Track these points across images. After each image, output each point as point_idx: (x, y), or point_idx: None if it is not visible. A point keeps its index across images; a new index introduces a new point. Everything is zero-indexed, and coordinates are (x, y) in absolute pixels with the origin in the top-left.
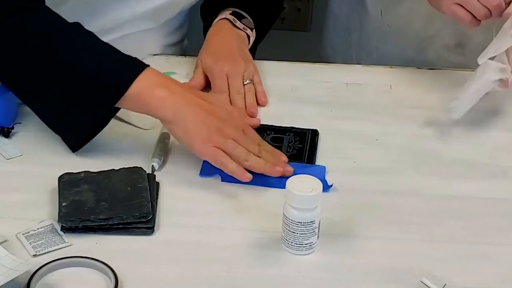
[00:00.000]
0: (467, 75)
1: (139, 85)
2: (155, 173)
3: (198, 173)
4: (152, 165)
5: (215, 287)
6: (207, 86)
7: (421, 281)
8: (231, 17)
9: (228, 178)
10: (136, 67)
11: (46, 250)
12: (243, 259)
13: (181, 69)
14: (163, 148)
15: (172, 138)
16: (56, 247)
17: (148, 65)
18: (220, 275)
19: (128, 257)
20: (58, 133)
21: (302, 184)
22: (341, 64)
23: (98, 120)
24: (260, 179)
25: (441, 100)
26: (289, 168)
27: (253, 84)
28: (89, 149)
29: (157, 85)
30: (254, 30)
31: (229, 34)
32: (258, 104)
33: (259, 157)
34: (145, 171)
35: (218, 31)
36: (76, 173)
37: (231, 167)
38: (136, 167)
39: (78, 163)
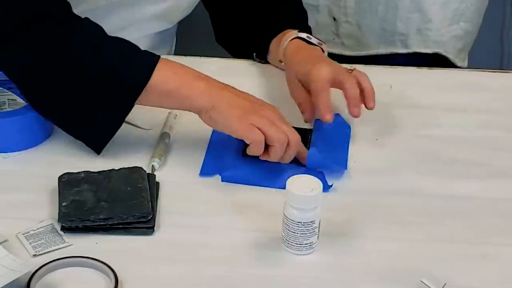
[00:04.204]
0: (469, 75)
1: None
2: (155, 173)
3: (198, 173)
4: (152, 165)
5: (215, 287)
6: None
7: (421, 281)
8: (304, 35)
9: (228, 178)
10: (150, 59)
11: (46, 250)
12: (243, 259)
13: None
14: (163, 148)
15: (172, 138)
16: (56, 247)
17: (159, 56)
18: (220, 275)
19: (128, 257)
20: (81, 139)
21: (302, 184)
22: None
23: (121, 120)
24: (260, 179)
25: (441, 100)
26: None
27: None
28: (89, 149)
29: (194, 78)
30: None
31: (314, 50)
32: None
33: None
34: (145, 171)
35: (301, 49)
36: (76, 173)
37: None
38: (136, 167)
39: (78, 163)
